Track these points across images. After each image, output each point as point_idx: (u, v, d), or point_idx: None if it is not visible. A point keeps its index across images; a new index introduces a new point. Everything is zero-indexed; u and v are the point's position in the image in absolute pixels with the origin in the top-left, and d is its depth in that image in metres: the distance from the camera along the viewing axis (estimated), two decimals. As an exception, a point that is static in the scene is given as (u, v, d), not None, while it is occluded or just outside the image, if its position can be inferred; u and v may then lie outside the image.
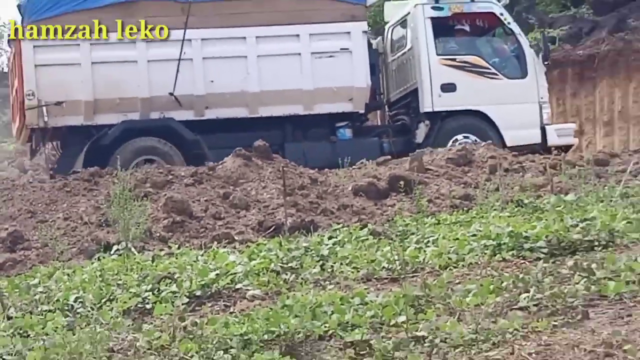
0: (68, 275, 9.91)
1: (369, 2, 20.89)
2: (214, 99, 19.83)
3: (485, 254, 8.75)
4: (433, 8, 20.71)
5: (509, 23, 21.16)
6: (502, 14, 21.09)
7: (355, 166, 16.75)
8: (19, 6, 20.42)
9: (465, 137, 20.36)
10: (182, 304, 7.90)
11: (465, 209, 13.14)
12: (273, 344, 6.62)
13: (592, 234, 8.77)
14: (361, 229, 11.35)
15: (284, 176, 13.92)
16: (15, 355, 6.84)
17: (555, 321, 6.37)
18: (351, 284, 8.30)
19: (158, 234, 12.81)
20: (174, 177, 15.07)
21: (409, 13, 21.20)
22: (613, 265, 7.22)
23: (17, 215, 14.08)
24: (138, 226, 11.81)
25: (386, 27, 22.13)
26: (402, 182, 14.65)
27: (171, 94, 19.50)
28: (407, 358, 5.97)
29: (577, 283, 7.03)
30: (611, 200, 11.63)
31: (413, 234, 10.61)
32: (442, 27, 20.91)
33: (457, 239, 9.50)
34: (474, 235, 9.55)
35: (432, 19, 20.73)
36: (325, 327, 6.80)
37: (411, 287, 7.39)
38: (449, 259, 8.70)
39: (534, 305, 6.73)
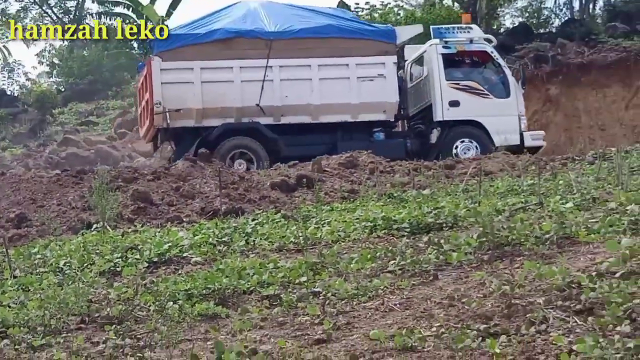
0: (59, 246, 9.79)
1: (397, 42, 21.33)
2: (287, 109, 20.37)
3: (365, 232, 8.79)
4: (443, 47, 21.30)
5: (497, 58, 21.63)
6: (492, 52, 21.62)
7: (272, 168, 16.74)
8: (150, 41, 21.92)
9: (465, 140, 20.86)
10: (143, 268, 7.86)
11: (351, 199, 13.15)
12: (210, 297, 6.61)
13: (441, 218, 8.83)
14: (276, 213, 11.31)
15: (220, 175, 13.87)
16: (19, 304, 6.78)
17: (414, 281, 6.44)
18: (267, 253, 8.28)
19: (127, 216, 12.65)
20: (139, 174, 14.87)
21: (425, 51, 21.74)
22: (456, 241, 7.27)
23: (22, 202, 13.84)
24: (112, 210, 11.70)
25: (406, 63, 22.39)
26: (306, 180, 14.66)
27: (257, 104, 20.04)
28: (307, 307, 5.99)
29: (430, 254, 7.08)
30: (456, 194, 11.74)
31: (313, 217, 10.59)
32: (450, 61, 21.43)
33: (345, 221, 9.52)
34: (357, 218, 9.57)
35: (443, 54, 21.28)
36: (248, 284, 6.80)
37: (311, 256, 7.44)
38: (339, 235, 8.72)
39: (399, 269, 6.79)
